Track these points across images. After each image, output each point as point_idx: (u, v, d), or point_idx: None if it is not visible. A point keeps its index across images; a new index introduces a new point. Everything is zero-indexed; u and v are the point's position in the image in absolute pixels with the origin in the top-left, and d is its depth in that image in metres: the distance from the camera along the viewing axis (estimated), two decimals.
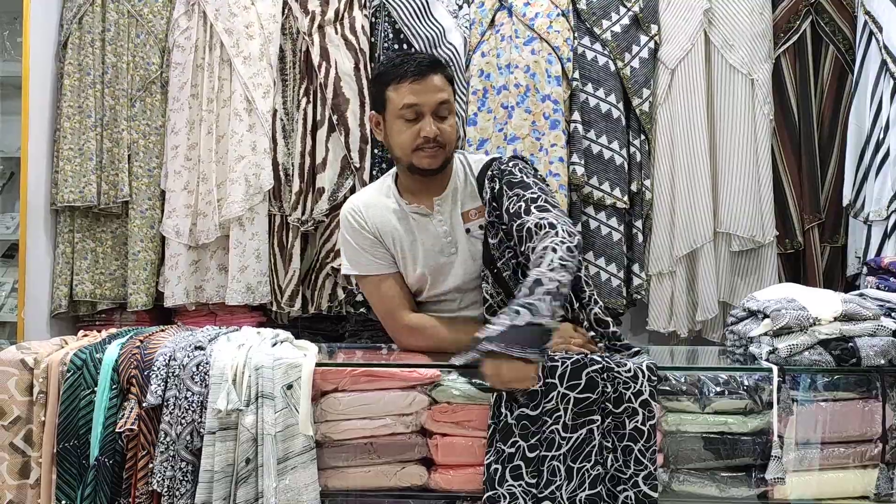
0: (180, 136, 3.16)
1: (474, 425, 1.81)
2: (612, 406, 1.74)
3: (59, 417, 1.83)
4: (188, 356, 1.84)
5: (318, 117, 3.13)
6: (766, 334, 1.90)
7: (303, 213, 3.12)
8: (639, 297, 3.21)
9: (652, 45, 3.22)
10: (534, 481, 1.72)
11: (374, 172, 3.10)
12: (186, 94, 3.16)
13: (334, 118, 3.09)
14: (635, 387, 1.75)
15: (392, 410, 1.83)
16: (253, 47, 3.15)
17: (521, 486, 1.72)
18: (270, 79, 3.17)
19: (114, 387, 1.84)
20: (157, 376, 1.82)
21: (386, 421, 1.83)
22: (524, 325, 1.63)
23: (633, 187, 3.18)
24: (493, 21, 3.19)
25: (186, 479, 1.78)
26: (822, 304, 1.88)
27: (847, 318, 1.84)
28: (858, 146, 3.03)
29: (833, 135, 3.20)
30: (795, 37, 3.19)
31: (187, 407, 1.79)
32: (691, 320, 3.20)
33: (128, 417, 1.80)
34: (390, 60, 2.17)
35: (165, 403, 1.81)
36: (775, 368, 1.80)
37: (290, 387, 1.79)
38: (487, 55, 3.18)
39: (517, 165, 2.09)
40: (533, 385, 1.70)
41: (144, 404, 1.81)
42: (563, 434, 1.72)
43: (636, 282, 3.18)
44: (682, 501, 1.82)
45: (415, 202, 2.14)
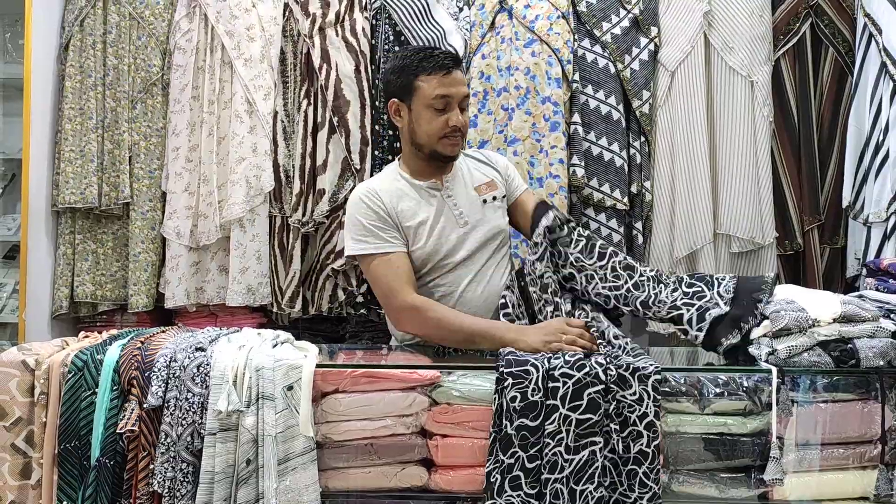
0: (181, 138, 3.17)
1: (474, 426, 1.82)
2: (617, 429, 1.74)
3: (60, 418, 1.84)
4: (189, 357, 1.85)
5: (319, 119, 3.13)
6: (765, 335, 1.90)
7: (303, 215, 3.12)
8: None
9: (652, 47, 3.22)
10: (533, 492, 1.72)
11: (375, 174, 3.09)
12: (187, 96, 3.16)
13: (335, 120, 3.10)
14: (640, 409, 1.74)
15: (392, 411, 1.83)
16: (254, 49, 3.16)
17: (519, 496, 1.72)
18: (271, 81, 3.18)
19: (115, 388, 1.84)
20: (157, 377, 1.82)
21: (386, 422, 1.83)
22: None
23: (633, 189, 3.18)
24: (493, 23, 3.20)
25: (187, 480, 1.78)
26: (822, 305, 1.88)
27: (846, 319, 1.85)
28: (858, 148, 3.03)
29: (833, 136, 3.21)
30: (795, 39, 3.19)
31: (188, 408, 1.80)
32: None
33: (128, 418, 1.81)
34: (416, 52, 2.30)
35: (166, 404, 1.81)
36: (774, 370, 1.80)
37: (290, 388, 1.80)
38: (488, 57, 3.18)
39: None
40: None
41: (145, 405, 1.81)
42: (565, 456, 1.72)
43: None
44: (682, 502, 1.82)
45: (427, 180, 2.32)
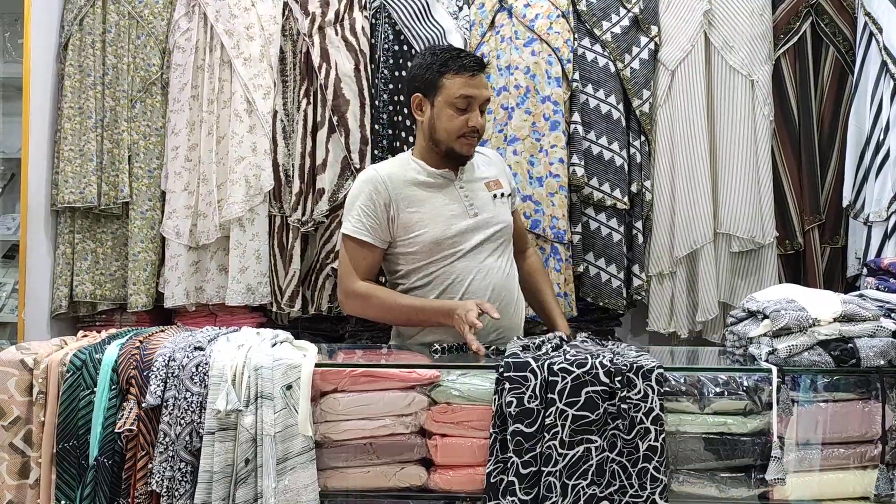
0: (180, 137, 3.17)
1: (474, 426, 1.81)
2: (623, 434, 1.73)
3: (58, 418, 1.84)
4: (187, 357, 1.84)
5: (319, 118, 3.13)
6: (765, 335, 1.90)
7: (303, 214, 3.12)
8: (639, 297, 3.21)
9: (652, 46, 3.22)
10: (527, 498, 1.71)
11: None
12: (187, 96, 3.16)
13: (334, 119, 3.09)
14: (646, 406, 1.73)
15: (391, 411, 1.83)
16: (253, 48, 3.15)
17: (513, 501, 1.71)
18: (271, 80, 3.17)
19: (113, 387, 1.84)
20: (156, 377, 1.82)
21: (385, 421, 1.83)
22: None
23: (634, 188, 3.18)
24: (493, 22, 3.19)
25: (185, 479, 1.78)
26: (822, 304, 1.88)
27: (847, 318, 1.84)
28: (858, 147, 3.03)
29: (833, 136, 3.20)
30: (795, 38, 3.19)
31: (186, 407, 1.80)
32: (691, 321, 3.20)
33: (127, 418, 1.81)
34: (445, 51, 2.39)
35: (165, 404, 1.81)
36: (775, 369, 1.80)
37: (289, 387, 1.79)
38: (487, 56, 3.18)
39: None
40: None
41: (144, 405, 1.81)
42: (559, 450, 1.72)
43: (636, 283, 3.18)
44: (682, 502, 1.82)
45: (441, 169, 2.39)
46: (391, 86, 3.16)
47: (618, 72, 3.19)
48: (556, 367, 1.75)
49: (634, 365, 1.76)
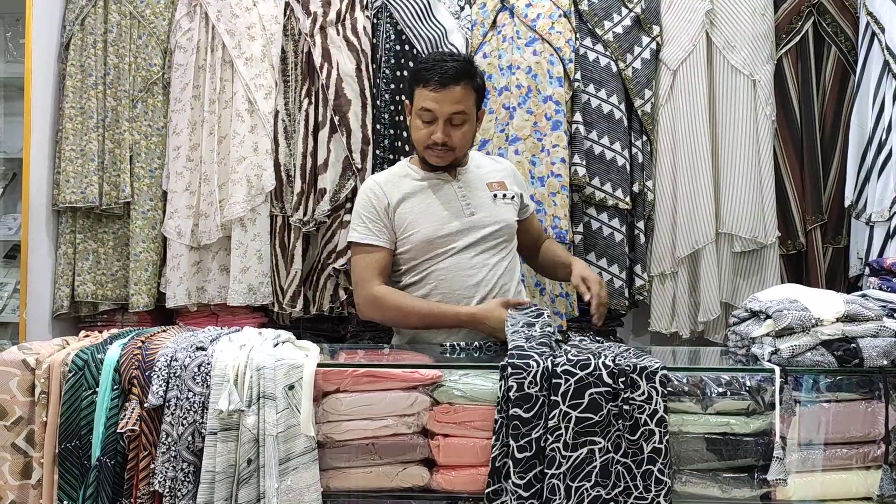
0: (182, 137, 3.17)
1: (476, 426, 1.81)
2: (628, 435, 1.73)
3: (60, 418, 1.83)
4: (189, 357, 1.84)
5: (320, 118, 3.13)
6: (768, 335, 1.89)
7: (304, 214, 3.12)
8: (641, 298, 3.21)
9: (654, 46, 3.22)
10: (521, 482, 1.70)
11: (376, 173, 3.09)
12: (188, 95, 3.16)
13: (336, 119, 3.09)
14: (650, 408, 1.73)
15: (394, 411, 1.83)
16: (255, 48, 3.15)
17: (512, 483, 1.71)
18: (272, 80, 3.17)
19: (115, 387, 1.84)
20: (158, 377, 1.82)
21: (388, 422, 1.83)
22: None
23: (635, 188, 3.17)
24: (494, 22, 3.19)
25: (188, 479, 1.78)
26: (825, 304, 1.87)
27: (849, 318, 1.84)
28: (860, 147, 3.02)
29: (835, 136, 3.20)
30: (797, 37, 3.19)
31: (189, 407, 1.79)
32: (693, 321, 3.20)
33: (129, 418, 1.80)
34: (427, 60, 2.42)
35: (167, 404, 1.81)
36: (777, 369, 1.80)
37: (291, 387, 1.79)
38: (489, 56, 3.18)
39: None
40: None
41: (146, 405, 1.81)
42: (563, 452, 1.72)
43: (638, 283, 3.18)
44: (685, 502, 1.81)
45: (435, 171, 2.42)
46: (392, 86, 3.16)
47: (619, 71, 3.19)
48: (559, 370, 1.74)
49: (638, 366, 1.76)
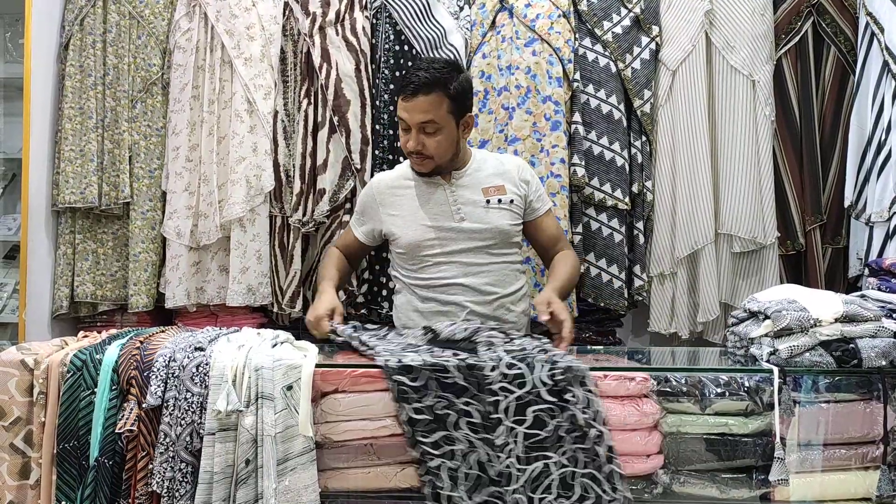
0: (181, 138, 3.17)
1: None
2: (580, 445, 1.73)
3: (59, 418, 1.83)
4: (188, 357, 1.84)
5: (319, 118, 3.13)
6: (766, 335, 1.89)
7: (304, 215, 3.12)
8: (640, 298, 3.20)
9: (653, 46, 3.21)
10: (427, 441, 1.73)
11: (375, 173, 3.09)
12: (187, 96, 3.16)
13: (335, 119, 3.09)
14: (591, 411, 1.74)
15: (392, 411, 1.82)
16: (254, 49, 3.15)
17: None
18: (271, 80, 3.17)
19: (113, 388, 1.84)
20: (156, 377, 1.82)
21: (386, 422, 1.83)
22: None
23: (635, 189, 3.17)
24: (493, 22, 3.19)
25: (186, 480, 1.78)
26: (823, 305, 1.87)
27: (848, 319, 1.84)
28: (860, 147, 3.02)
29: (834, 136, 3.20)
30: (797, 38, 3.19)
31: (187, 408, 1.79)
32: (692, 322, 3.20)
33: (127, 418, 1.80)
34: (411, 69, 2.51)
35: (165, 404, 1.81)
36: (776, 370, 1.80)
37: (290, 388, 1.79)
38: (488, 56, 3.18)
39: None
40: None
41: (144, 405, 1.81)
42: (518, 466, 1.73)
43: (637, 283, 3.18)
44: (683, 503, 1.82)
45: (432, 174, 2.44)
46: (392, 86, 3.16)
47: (619, 72, 3.19)
48: (496, 387, 1.75)
49: (566, 372, 1.76)
